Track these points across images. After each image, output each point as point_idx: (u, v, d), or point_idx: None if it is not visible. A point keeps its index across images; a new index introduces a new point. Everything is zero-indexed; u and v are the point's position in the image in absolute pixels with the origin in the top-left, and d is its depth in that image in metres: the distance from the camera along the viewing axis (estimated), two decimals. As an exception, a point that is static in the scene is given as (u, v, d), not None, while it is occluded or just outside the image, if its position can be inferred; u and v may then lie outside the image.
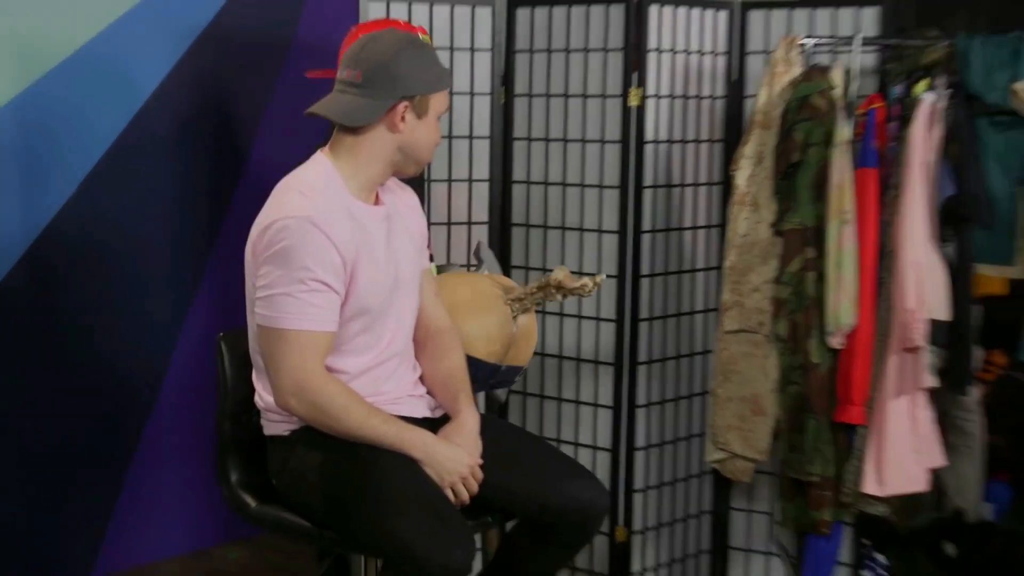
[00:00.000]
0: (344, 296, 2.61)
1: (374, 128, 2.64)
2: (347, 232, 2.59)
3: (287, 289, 2.54)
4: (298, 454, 2.66)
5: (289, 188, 2.63)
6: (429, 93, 2.63)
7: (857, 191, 3.41)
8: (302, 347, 2.56)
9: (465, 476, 2.65)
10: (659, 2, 3.65)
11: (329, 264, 2.55)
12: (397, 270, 2.72)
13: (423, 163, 2.72)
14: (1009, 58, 3.41)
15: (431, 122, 2.67)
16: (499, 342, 3.05)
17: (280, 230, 2.54)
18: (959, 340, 3.45)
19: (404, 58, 2.60)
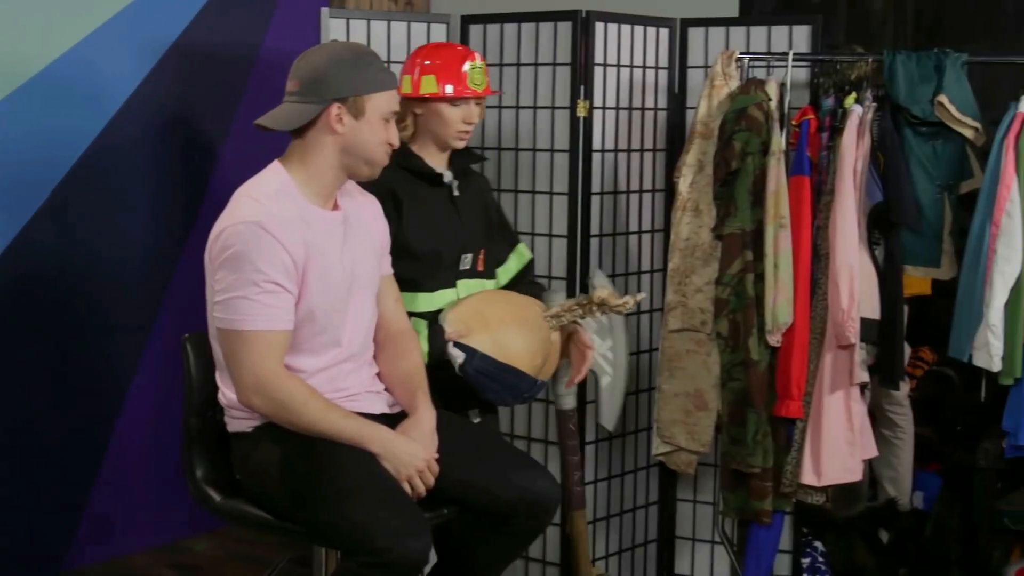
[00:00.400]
0: (297, 296, 2.64)
1: (315, 132, 2.67)
2: (297, 235, 2.61)
3: (242, 292, 2.57)
4: (260, 449, 2.68)
5: (243, 195, 2.66)
6: (360, 94, 2.65)
7: (792, 197, 3.48)
8: (261, 347, 2.59)
9: (421, 470, 2.67)
10: (604, 19, 3.71)
11: (280, 265, 2.58)
12: (353, 273, 2.74)
13: (376, 163, 2.73)
14: (931, 73, 3.48)
15: (374, 123, 2.68)
16: (540, 357, 3.08)
17: (231, 235, 2.58)
18: (890, 338, 3.52)
19: (334, 64, 2.65)
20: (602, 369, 3.39)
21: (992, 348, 3.35)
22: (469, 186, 3.23)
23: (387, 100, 2.70)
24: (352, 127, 2.67)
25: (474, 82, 3.12)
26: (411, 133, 3.15)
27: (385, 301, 2.90)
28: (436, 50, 3.19)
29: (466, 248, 3.16)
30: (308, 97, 2.66)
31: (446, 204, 3.15)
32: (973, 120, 3.47)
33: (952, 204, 3.57)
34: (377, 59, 2.72)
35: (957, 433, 3.92)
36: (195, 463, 2.84)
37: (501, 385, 3.02)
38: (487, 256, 3.22)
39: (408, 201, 3.08)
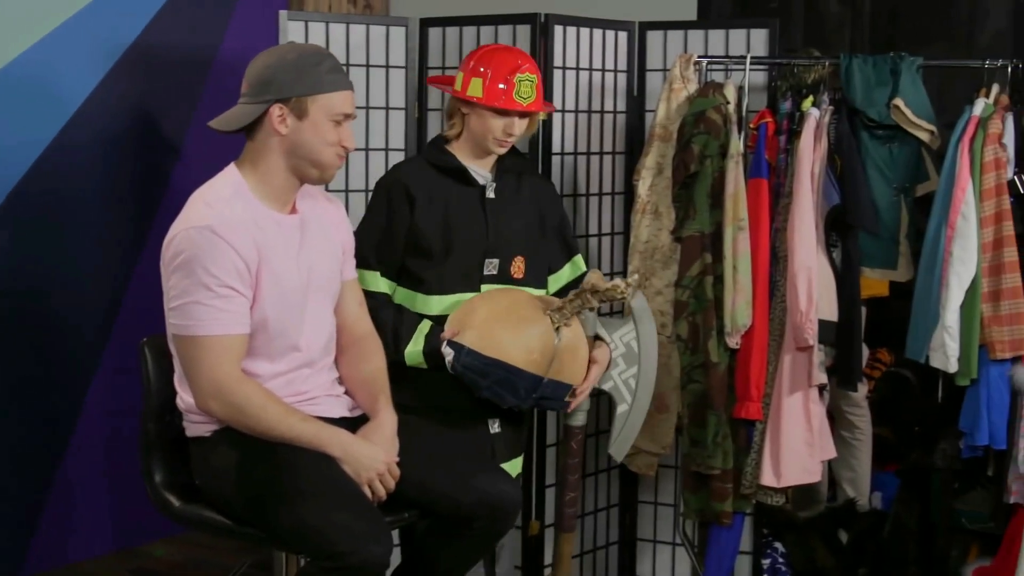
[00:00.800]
0: (252, 299, 2.63)
1: (262, 134, 2.66)
2: (249, 238, 2.60)
3: (196, 297, 2.56)
4: (219, 454, 2.67)
5: (196, 199, 2.65)
6: (303, 95, 2.63)
7: (750, 200, 3.51)
8: (217, 351, 2.58)
9: (382, 473, 2.67)
10: (563, 23, 3.73)
11: (233, 269, 2.57)
12: (310, 277, 2.73)
13: (323, 166, 2.69)
14: (887, 76, 3.51)
15: (319, 124, 2.65)
16: (538, 352, 2.99)
17: (182, 241, 2.57)
18: (847, 339, 3.55)
19: (278, 65, 2.64)
20: (621, 396, 3.26)
21: (948, 349, 3.39)
22: (517, 190, 3.17)
23: (336, 101, 2.67)
24: (295, 128, 2.65)
25: (520, 95, 3.04)
26: (458, 132, 3.12)
27: (348, 305, 2.90)
28: (492, 53, 3.10)
29: (492, 252, 3.10)
30: (254, 98, 2.65)
31: (474, 205, 3.10)
32: (928, 123, 3.52)
33: (908, 206, 3.61)
34: (328, 60, 2.69)
35: (915, 434, 3.95)
36: (154, 468, 2.82)
37: (492, 381, 2.96)
38: (530, 263, 3.15)
39: (423, 197, 3.06)
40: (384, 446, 2.71)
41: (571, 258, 3.29)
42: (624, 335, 3.25)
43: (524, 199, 3.18)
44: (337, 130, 2.68)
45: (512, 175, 3.17)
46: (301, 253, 2.72)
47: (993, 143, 3.36)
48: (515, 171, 3.18)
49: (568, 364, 3.07)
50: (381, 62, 3.85)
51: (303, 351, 2.73)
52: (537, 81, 3.07)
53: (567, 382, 3.06)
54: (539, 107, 3.09)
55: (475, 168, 3.12)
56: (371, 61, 3.83)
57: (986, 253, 3.38)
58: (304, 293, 2.72)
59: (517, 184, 3.18)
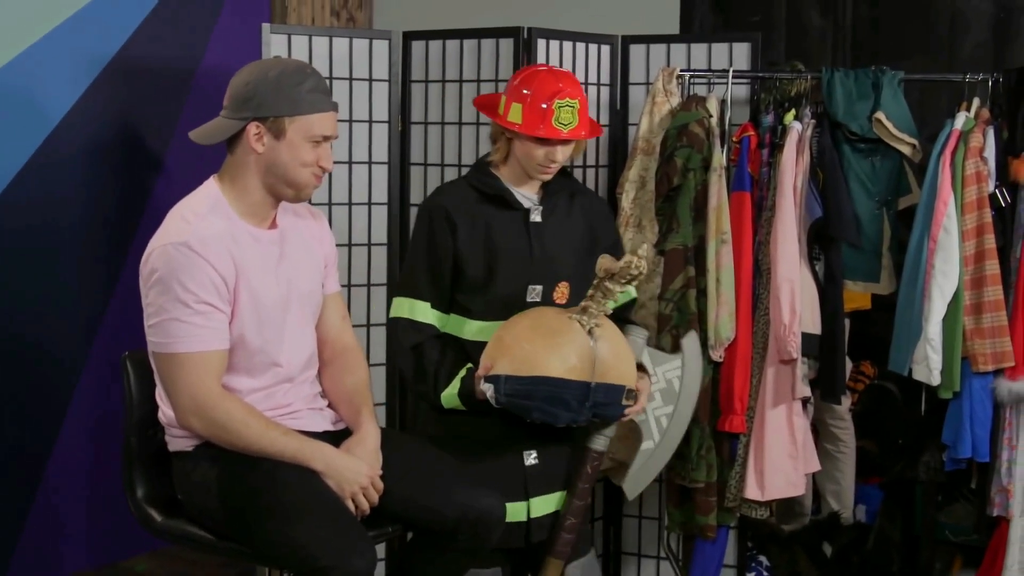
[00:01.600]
0: (230, 315, 2.63)
1: (241, 150, 2.67)
2: (226, 254, 2.61)
3: (174, 314, 2.56)
4: (201, 468, 2.67)
5: (174, 214, 2.66)
6: (281, 115, 2.62)
7: (733, 213, 3.53)
8: (196, 368, 2.58)
9: (365, 487, 2.67)
10: (547, 36, 3.75)
11: (210, 285, 2.58)
12: (289, 292, 2.73)
13: (298, 186, 2.69)
14: (869, 90, 3.54)
15: (296, 145, 2.64)
16: (577, 357, 2.88)
17: (158, 257, 2.58)
18: (831, 352, 3.57)
19: (259, 82, 2.63)
20: (650, 431, 3.13)
21: (931, 362, 3.41)
22: (567, 212, 3.10)
23: (315, 123, 2.66)
24: (272, 147, 2.64)
25: (560, 122, 2.95)
26: (503, 155, 3.06)
27: (331, 319, 2.90)
28: (533, 76, 3.01)
29: (536, 279, 3.04)
30: (233, 113, 2.65)
31: (518, 230, 3.04)
32: (910, 137, 3.54)
33: (890, 219, 3.63)
34: (310, 79, 2.67)
35: (898, 447, 3.96)
36: (136, 482, 2.82)
37: (540, 400, 2.87)
38: (576, 288, 3.06)
39: (464, 222, 3.02)
40: (367, 460, 2.71)
41: None
42: (668, 371, 3.14)
43: (574, 221, 3.11)
44: (315, 150, 2.66)
45: (561, 196, 3.10)
46: (280, 268, 2.72)
47: (974, 156, 3.39)
48: (564, 192, 3.11)
49: (613, 364, 2.93)
50: (364, 75, 3.86)
51: (283, 366, 2.74)
52: (579, 105, 2.97)
53: (617, 383, 2.94)
54: (579, 134, 2.99)
55: (520, 191, 3.07)
56: (354, 74, 3.84)
57: (968, 266, 3.40)
58: (283, 308, 2.72)
59: (568, 205, 3.11)
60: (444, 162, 3.90)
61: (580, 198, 3.15)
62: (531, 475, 3.07)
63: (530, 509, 3.07)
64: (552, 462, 3.10)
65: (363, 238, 3.92)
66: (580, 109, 2.98)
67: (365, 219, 3.93)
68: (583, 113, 3.00)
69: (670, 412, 3.13)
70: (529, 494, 3.07)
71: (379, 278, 3.97)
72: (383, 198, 3.94)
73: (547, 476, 3.09)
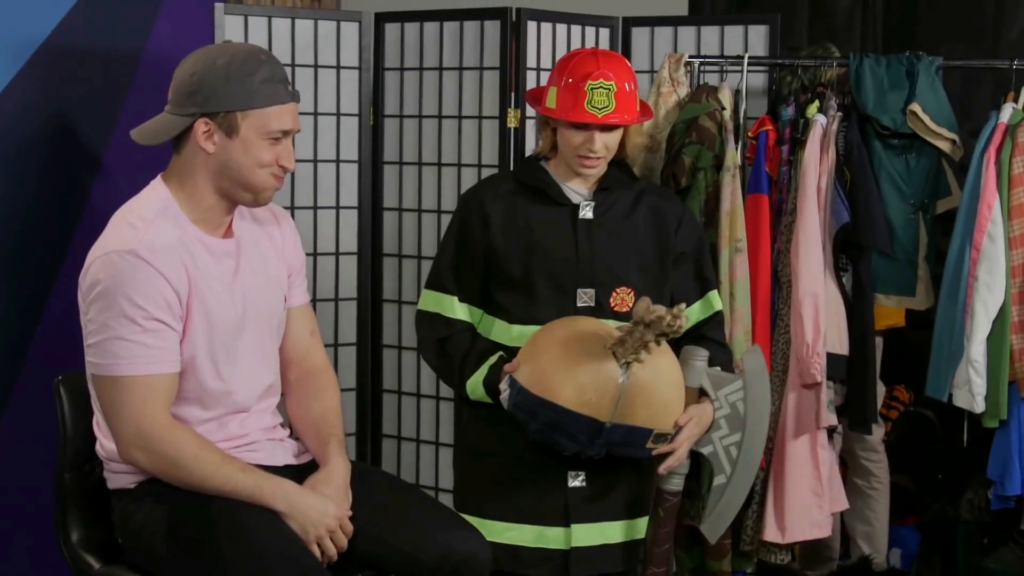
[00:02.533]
0: (182, 333, 2.63)
1: (189, 149, 2.65)
2: (179, 264, 2.60)
3: (118, 332, 2.55)
4: (145, 508, 2.66)
5: (119, 219, 2.64)
6: (233, 110, 2.61)
7: (748, 218, 3.54)
8: (142, 394, 2.57)
9: (332, 529, 2.66)
10: (537, 18, 3.77)
11: (161, 299, 2.56)
12: (245, 308, 2.72)
13: (256, 189, 2.68)
14: (902, 79, 3.56)
15: (251, 143, 2.63)
16: (594, 391, 2.87)
17: (101, 267, 2.56)
18: (860, 375, 3.59)
19: (206, 72, 2.61)
20: (720, 465, 3.08)
21: (974, 387, 3.42)
22: (628, 211, 3.09)
23: (272, 117, 2.64)
24: (224, 146, 2.63)
25: (593, 105, 2.95)
26: (549, 145, 3.09)
27: (297, 334, 2.89)
28: (571, 57, 3.04)
29: (586, 281, 3.04)
30: (177, 109, 2.64)
31: (564, 227, 3.06)
32: (950, 131, 3.56)
33: (927, 225, 3.65)
34: (266, 67, 2.65)
35: (937, 482, 3.98)
36: (70, 525, 2.81)
37: (541, 423, 2.89)
38: (640, 296, 2.97)
39: (499, 216, 3.05)
40: (335, 498, 2.70)
41: (704, 294, 3.15)
42: (730, 394, 3.07)
43: (638, 222, 3.10)
44: (274, 148, 2.65)
45: (622, 193, 3.10)
46: (236, 282, 2.71)
47: (1022, 153, 3.41)
48: (627, 189, 3.11)
49: (642, 407, 2.90)
50: (331, 62, 3.88)
51: (237, 396, 2.73)
52: (617, 88, 2.96)
53: (639, 425, 2.91)
54: (619, 119, 2.97)
55: (571, 186, 3.08)
56: (320, 61, 3.85)
57: (1015, 278, 3.42)
58: (237, 329, 2.71)
59: (630, 204, 3.10)
60: (422, 160, 3.91)
61: (649, 198, 3.13)
62: (575, 499, 3.07)
63: (571, 537, 3.08)
64: (604, 487, 3.09)
65: (330, 246, 3.93)
66: (618, 92, 2.97)
67: (332, 225, 3.93)
68: (623, 97, 2.98)
69: (739, 440, 3.07)
70: (571, 520, 3.07)
71: (348, 291, 3.98)
72: (352, 201, 3.96)
73: (596, 502, 3.09)
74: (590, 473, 3.06)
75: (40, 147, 4.11)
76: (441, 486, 3.96)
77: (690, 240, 3.13)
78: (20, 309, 4.09)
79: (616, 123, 2.98)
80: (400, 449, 4.06)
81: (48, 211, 4.15)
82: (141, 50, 4.36)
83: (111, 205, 2.74)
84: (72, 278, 2.69)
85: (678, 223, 3.11)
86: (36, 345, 4.11)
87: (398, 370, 4.05)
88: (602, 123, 2.96)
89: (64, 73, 4.15)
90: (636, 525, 3.14)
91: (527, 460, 3.04)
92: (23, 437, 4.08)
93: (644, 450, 2.95)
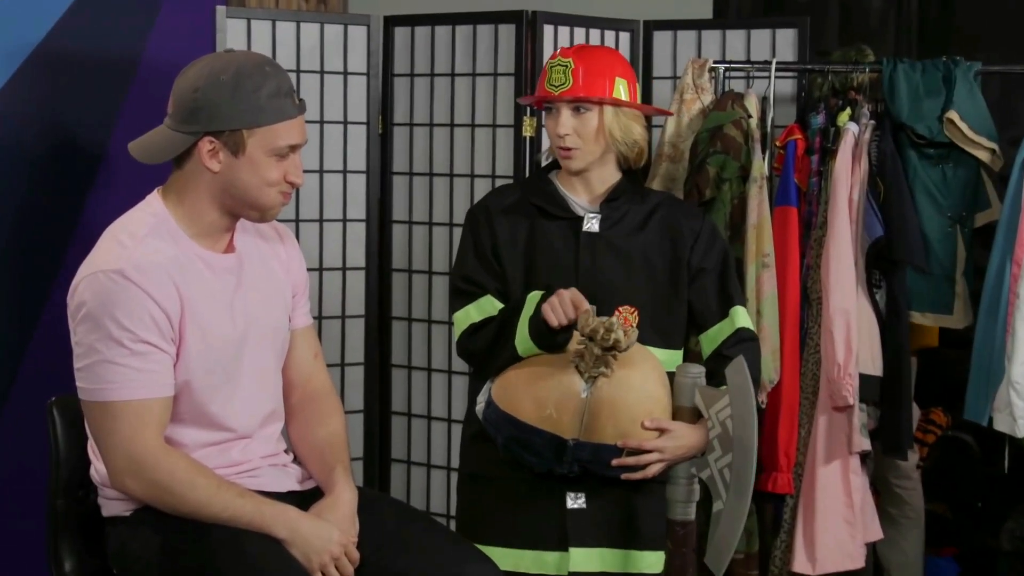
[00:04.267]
0: (175, 356, 2.62)
1: (192, 165, 2.64)
2: (170, 284, 2.59)
3: (106, 355, 2.54)
4: (141, 537, 2.65)
5: (110, 236, 2.63)
6: (239, 128, 2.60)
7: (776, 231, 3.54)
8: (133, 419, 2.56)
9: (337, 557, 2.64)
10: (554, 21, 3.77)
11: (150, 321, 2.55)
12: (246, 329, 2.71)
13: (263, 208, 2.67)
14: (939, 85, 3.55)
15: (258, 161, 2.62)
16: (554, 406, 2.88)
17: (88, 287, 2.55)
18: (894, 397, 3.58)
19: (210, 87, 2.60)
20: (717, 490, 2.98)
21: (1016, 409, 3.40)
22: (639, 225, 3.08)
23: (280, 133, 2.63)
24: (229, 165, 2.62)
25: (551, 82, 3.02)
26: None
27: (301, 357, 2.89)
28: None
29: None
30: (180, 126, 2.62)
31: (566, 240, 3.06)
32: (989, 140, 3.55)
33: (965, 239, 3.64)
34: (271, 81, 2.63)
35: (976, 511, 3.97)
36: (63, 554, 2.80)
37: (506, 438, 2.92)
38: (648, 317, 3.04)
39: (503, 225, 3.07)
40: (340, 525, 2.69)
41: (727, 312, 3.09)
42: (720, 411, 2.95)
43: (649, 237, 3.08)
44: (281, 165, 2.65)
45: (633, 207, 3.09)
46: (236, 300, 2.71)
47: (1066, 163, 3.40)
48: (638, 202, 3.10)
49: (608, 423, 2.89)
50: (338, 68, 3.89)
51: (239, 416, 2.73)
52: (575, 66, 3.00)
53: (612, 443, 2.90)
54: (572, 93, 2.99)
55: (578, 199, 3.08)
56: (326, 67, 3.86)
57: (1058, 294, 3.41)
58: (238, 349, 2.70)
59: (642, 218, 3.09)
60: (432, 171, 3.92)
61: (664, 212, 3.11)
62: (573, 520, 3.04)
63: (568, 562, 3.06)
64: (606, 509, 3.06)
65: (336, 261, 3.93)
66: (575, 70, 3.01)
67: (339, 238, 3.94)
68: (581, 75, 3.00)
69: (730, 461, 2.97)
70: (569, 542, 3.05)
71: (356, 308, 3.98)
72: (360, 214, 3.96)
73: (596, 525, 3.06)
74: (591, 495, 3.03)
75: (34, 155, 4.12)
76: (453, 513, 3.95)
77: (711, 256, 3.10)
78: (10, 328, 4.10)
79: (568, 96, 2.99)
80: (410, 474, 4.06)
81: (42, 221, 4.16)
82: (139, 56, 4.37)
83: (108, 216, 2.74)
84: (63, 298, 2.69)
85: (695, 238, 3.09)
86: (27, 365, 4.12)
87: (408, 391, 4.04)
88: (555, 98, 2.99)
89: (59, 78, 4.16)
90: (637, 558, 3.08)
91: (526, 481, 3.02)
92: (13, 460, 4.09)
93: (615, 469, 2.93)
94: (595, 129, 3.01)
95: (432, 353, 3.99)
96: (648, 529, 3.07)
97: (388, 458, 4.08)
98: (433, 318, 3.96)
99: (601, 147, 3.02)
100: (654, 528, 3.05)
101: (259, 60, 2.68)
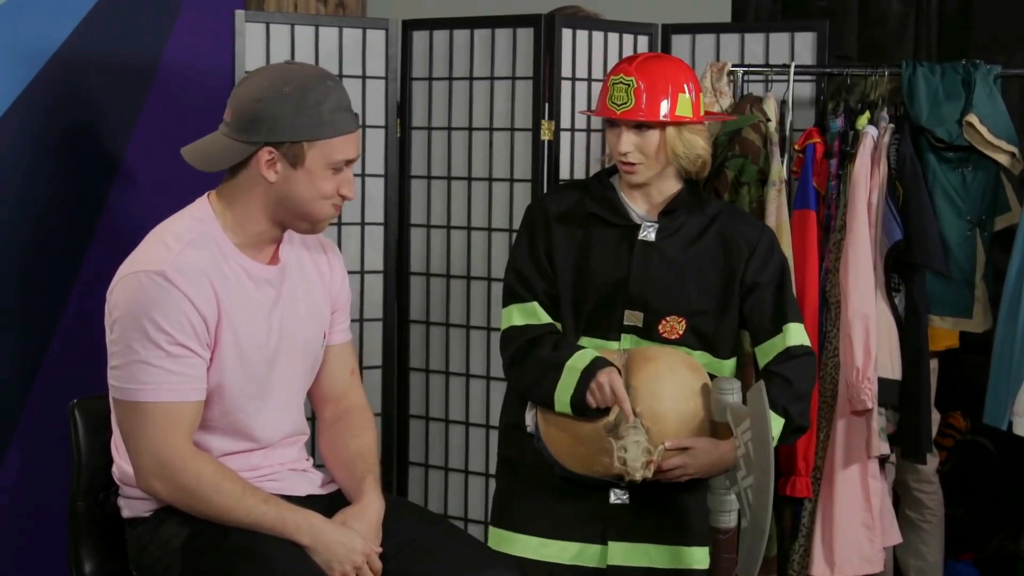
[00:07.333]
0: (209, 361, 2.63)
1: (246, 173, 2.66)
2: (209, 289, 2.60)
3: (142, 356, 2.56)
4: (161, 539, 2.66)
5: (156, 236, 2.65)
6: (300, 140, 2.61)
7: (795, 235, 3.54)
8: (163, 422, 2.58)
9: (359, 565, 2.65)
10: (572, 25, 3.78)
11: (187, 325, 2.57)
12: (280, 339, 2.73)
13: (314, 220, 2.70)
14: (959, 88, 3.56)
15: (316, 174, 2.64)
16: (596, 463, 2.97)
17: (127, 286, 2.58)
18: (913, 401, 3.58)
19: (273, 98, 2.61)
20: (744, 508, 3.00)
21: (1036, 413, 3.41)
22: (696, 236, 3.08)
23: (338, 147, 2.65)
24: (287, 177, 2.64)
25: (612, 100, 3.02)
26: None
27: (337, 373, 2.90)
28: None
29: (634, 304, 3.05)
30: (238, 134, 2.64)
31: (620, 246, 3.08)
32: (1009, 144, 3.55)
33: (985, 243, 3.64)
34: (333, 95, 2.66)
35: (996, 515, 3.97)
36: (83, 557, 2.82)
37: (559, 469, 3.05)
38: (696, 327, 3.06)
39: (561, 226, 3.10)
40: (366, 534, 2.69)
41: (779, 328, 3.08)
42: (744, 432, 2.95)
43: (705, 249, 3.09)
44: (335, 178, 2.67)
45: (692, 217, 3.09)
46: (274, 313, 2.72)
47: (1085, 167, 3.41)
48: (698, 212, 3.10)
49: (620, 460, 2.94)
50: (357, 72, 3.90)
51: (264, 429, 2.74)
52: (637, 85, 2.99)
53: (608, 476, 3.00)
54: (633, 115, 2.99)
55: (637, 207, 3.10)
56: (345, 71, 3.87)
57: (1078, 298, 3.41)
58: (271, 360, 2.72)
59: (700, 229, 3.10)
60: (451, 174, 3.93)
61: (722, 223, 3.11)
62: (614, 515, 3.08)
63: (607, 555, 3.08)
64: (649, 506, 3.09)
65: (355, 264, 3.94)
66: (638, 89, 2.99)
67: (357, 242, 3.95)
68: (643, 94, 2.99)
69: (752, 483, 2.97)
70: (607, 537, 3.08)
71: (374, 312, 3.99)
72: (378, 217, 3.97)
73: (637, 521, 3.09)
74: (635, 492, 3.06)
75: (53, 158, 4.14)
76: (471, 517, 3.96)
77: (767, 270, 3.09)
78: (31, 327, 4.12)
79: (629, 119, 2.99)
80: (428, 478, 4.07)
81: (62, 224, 4.17)
82: (159, 58, 4.39)
83: (128, 216, 2.76)
84: (87, 294, 2.71)
85: (751, 251, 3.08)
86: (47, 365, 4.14)
87: (426, 394, 4.06)
88: (617, 118, 3.00)
89: (79, 81, 4.18)
90: (684, 553, 3.11)
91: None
92: (34, 461, 4.11)
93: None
94: (657, 146, 3.03)
95: (450, 356, 4.00)
96: (699, 525, 3.10)
97: (406, 461, 4.10)
98: (451, 321, 3.97)
99: (662, 163, 3.04)
100: (704, 524, 3.08)
101: (321, 73, 2.70)
